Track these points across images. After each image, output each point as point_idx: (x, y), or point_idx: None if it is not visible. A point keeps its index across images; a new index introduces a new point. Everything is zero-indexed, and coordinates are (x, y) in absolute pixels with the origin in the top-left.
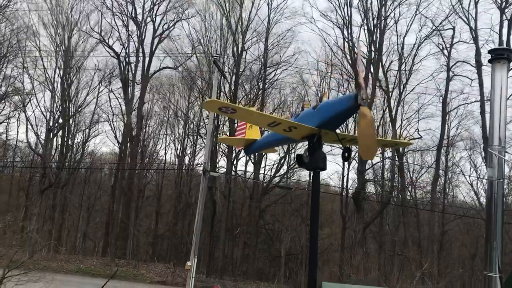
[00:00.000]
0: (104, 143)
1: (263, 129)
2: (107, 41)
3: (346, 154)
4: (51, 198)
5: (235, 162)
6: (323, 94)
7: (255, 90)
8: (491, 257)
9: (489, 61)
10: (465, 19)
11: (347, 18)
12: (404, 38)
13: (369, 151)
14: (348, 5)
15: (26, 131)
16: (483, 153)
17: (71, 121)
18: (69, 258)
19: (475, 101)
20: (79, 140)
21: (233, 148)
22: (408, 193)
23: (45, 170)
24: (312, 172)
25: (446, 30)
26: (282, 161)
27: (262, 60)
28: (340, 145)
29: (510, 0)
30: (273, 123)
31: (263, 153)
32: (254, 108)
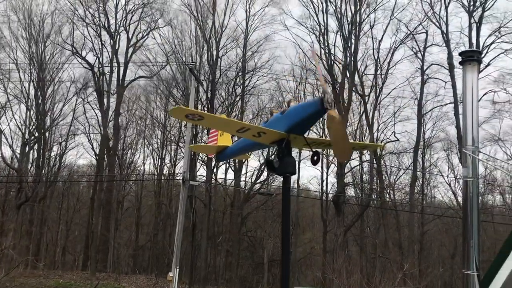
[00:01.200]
0: (81, 155)
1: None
2: (80, 52)
3: (315, 158)
4: (28, 213)
5: (215, 170)
6: (290, 100)
7: (233, 97)
8: (469, 255)
9: (460, 63)
10: (436, 23)
11: (323, 24)
12: (380, 42)
13: (344, 152)
14: (324, 11)
15: (0, 145)
16: (458, 154)
17: (47, 134)
18: (48, 274)
19: (449, 103)
20: (55, 153)
21: (213, 158)
22: (387, 195)
23: (21, 185)
24: (282, 177)
25: (419, 34)
26: (263, 167)
27: (240, 66)
28: (310, 150)
29: (477, 4)
30: (242, 129)
31: (243, 160)
32: (224, 116)
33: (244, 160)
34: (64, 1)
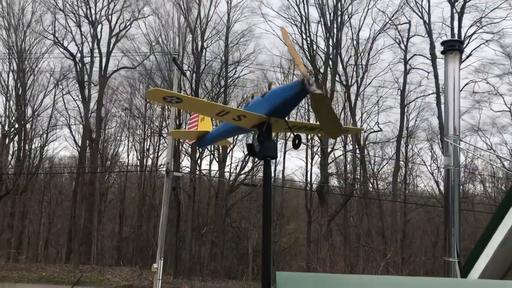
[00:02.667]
0: (63, 147)
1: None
2: (62, 42)
3: (297, 141)
4: (9, 206)
5: (199, 162)
6: (271, 82)
7: (217, 88)
8: (450, 243)
9: (442, 52)
10: (419, 13)
11: (304, 15)
12: (358, 32)
13: (333, 129)
14: (305, 1)
15: None
16: (440, 143)
17: (27, 125)
18: (31, 267)
19: (431, 93)
20: (36, 145)
21: (197, 148)
22: (371, 185)
23: (1, 177)
24: (263, 162)
25: (402, 24)
26: (247, 158)
27: (223, 57)
28: (291, 133)
29: None
30: (222, 112)
31: (227, 151)
32: (204, 99)
33: (228, 149)
34: None
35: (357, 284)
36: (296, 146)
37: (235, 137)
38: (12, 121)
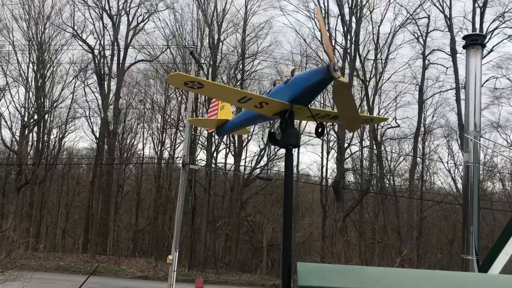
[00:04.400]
0: (81, 138)
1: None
2: (80, 34)
3: (320, 130)
4: (28, 195)
5: (215, 155)
6: (294, 68)
7: (233, 82)
8: (468, 240)
9: (464, 47)
10: (440, 7)
11: (323, 8)
12: (379, 27)
13: (353, 121)
14: None
15: (0, 128)
16: (459, 140)
17: (46, 116)
18: (48, 256)
19: (450, 89)
20: (55, 136)
21: (213, 140)
22: (387, 181)
23: (21, 167)
24: (285, 150)
25: (421, 19)
26: (262, 152)
27: (240, 51)
28: (314, 122)
29: None
30: (244, 98)
31: (243, 145)
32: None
33: (243, 143)
34: None
35: (380, 277)
36: (319, 134)
37: (251, 131)
38: (31, 112)
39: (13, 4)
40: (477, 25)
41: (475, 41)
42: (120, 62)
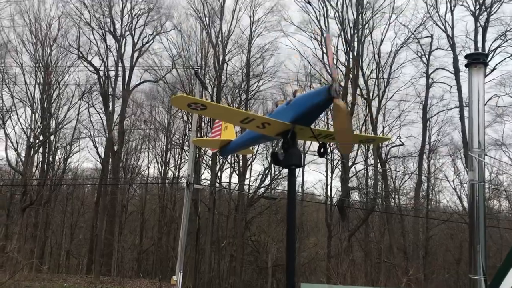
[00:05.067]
0: (86, 158)
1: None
2: (86, 56)
3: (322, 150)
4: (33, 216)
5: (219, 174)
6: (297, 90)
7: (238, 102)
8: (475, 260)
9: (466, 65)
10: (442, 26)
11: (325, 29)
12: (380, 45)
13: (346, 144)
14: (325, 16)
15: (6, 149)
16: (463, 159)
17: (52, 137)
18: (53, 277)
19: (454, 107)
20: (60, 157)
21: (217, 160)
22: (392, 200)
23: (26, 188)
24: (288, 170)
25: (424, 38)
26: (267, 171)
27: (245, 71)
28: (316, 142)
29: (483, 8)
30: (246, 119)
31: (247, 164)
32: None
33: (248, 162)
34: (71, 6)
35: None
36: (321, 154)
37: (255, 151)
38: (37, 133)
39: (21, 27)
40: (479, 44)
41: (477, 60)
42: (125, 82)
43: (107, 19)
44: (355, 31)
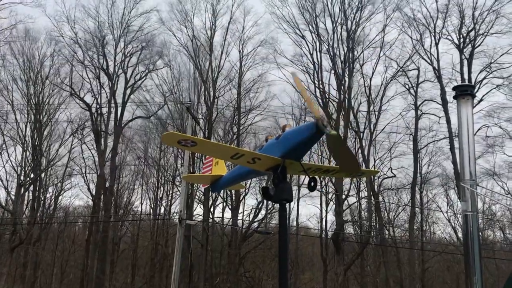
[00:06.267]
0: (77, 196)
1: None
2: (78, 93)
3: (312, 184)
4: (22, 256)
5: (212, 209)
6: (286, 125)
7: (230, 135)
8: None
9: (454, 97)
10: (428, 60)
11: (317, 63)
12: (370, 79)
13: (352, 168)
14: (318, 50)
15: None
16: (456, 189)
17: (43, 175)
18: None
19: (443, 138)
20: (51, 194)
21: (209, 195)
22: (387, 232)
23: (15, 227)
24: (278, 205)
25: (411, 70)
26: (260, 205)
27: (236, 105)
28: (306, 176)
29: (467, 41)
30: (236, 154)
31: (240, 198)
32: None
33: (240, 196)
34: (64, 44)
35: None
36: (311, 188)
37: (248, 184)
38: (27, 171)
39: (13, 66)
40: (466, 75)
41: (465, 92)
42: (118, 119)
43: (100, 57)
44: (346, 66)
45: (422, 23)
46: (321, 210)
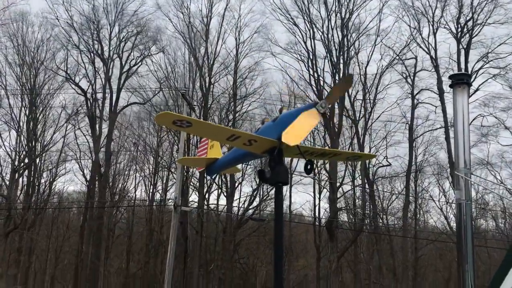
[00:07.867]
0: (72, 181)
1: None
2: (73, 78)
3: (309, 167)
4: (17, 241)
5: (207, 196)
6: (282, 107)
7: (225, 123)
8: (464, 280)
9: (450, 86)
10: (425, 48)
11: (311, 50)
12: (366, 67)
13: (295, 137)
14: (311, 38)
15: None
16: (450, 178)
17: (37, 160)
18: None
19: (440, 127)
20: (45, 180)
21: (205, 181)
22: (380, 220)
23: (10, 212)
24: (274, 187)
25: (408, 59)
26: (255, 193)
27: (231, 92)
28: (303, 159)
29: (465, 30)
30: (232, 136)
31: (236, 185)
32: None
33: (236, 183)
34: (59, 28)
35: None
36: (308, 171)
37: (243, 172)
38: (22, 156)
39: (7, 49)
40: (462, 65)
41: (461, 80)
42: (113, 104)
43: (95, 41)
44: (341, 53)
45: (420, 12)
46: (314, 198)
